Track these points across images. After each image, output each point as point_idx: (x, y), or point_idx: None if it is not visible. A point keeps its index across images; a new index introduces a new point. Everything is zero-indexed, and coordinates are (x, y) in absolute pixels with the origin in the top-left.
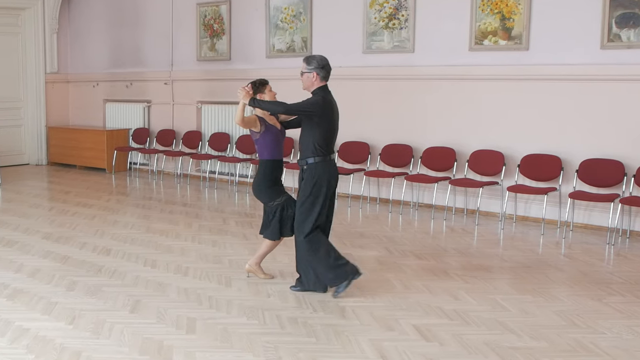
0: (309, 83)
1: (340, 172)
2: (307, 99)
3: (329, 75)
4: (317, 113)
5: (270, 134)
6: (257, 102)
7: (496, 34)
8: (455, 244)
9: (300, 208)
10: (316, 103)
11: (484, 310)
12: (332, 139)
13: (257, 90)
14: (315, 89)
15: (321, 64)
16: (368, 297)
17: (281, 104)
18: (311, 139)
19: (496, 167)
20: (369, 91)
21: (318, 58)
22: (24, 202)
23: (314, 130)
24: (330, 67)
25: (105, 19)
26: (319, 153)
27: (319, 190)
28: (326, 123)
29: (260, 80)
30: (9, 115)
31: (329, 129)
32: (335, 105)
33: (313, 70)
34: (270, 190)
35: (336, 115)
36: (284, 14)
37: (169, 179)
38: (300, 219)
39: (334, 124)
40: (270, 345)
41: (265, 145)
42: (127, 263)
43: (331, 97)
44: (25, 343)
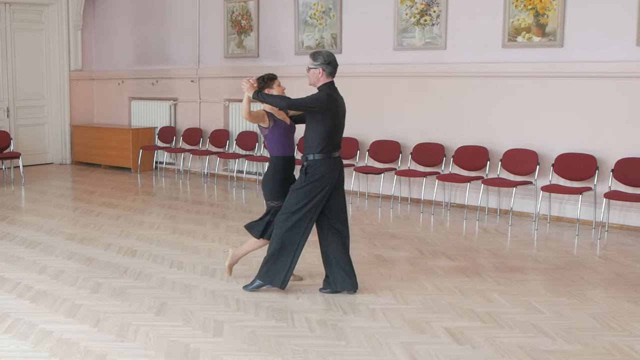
0: (315, 79)
1: (370, 172)
2: (311, 95)
3: (336, 71)
4: (321, 109)
5: (280, 129)
6: (261, 96)
7: (530, 30)
8: (488, 245)
9: (291, 195)
10: (320, 99)
11: (518, 312)
12: (335, 136)
13: (265, 85)
14: (321, 85)
15: (327, 60)
16: (399, 299)
17: (284, 98)
18: (314, 135)
19: (530, 166)
20: (399, 89)
21: (324, 54)
22: (47, 202)
23: (318, 127)
24: (337, 64)
25: (130, 15)
26: (321, 150)
27: (317, 187)
28: (330, 120)
29: (268, 75)
30: (33, 113)
31: (332, 126)
32: (341, 102)
33: (319, 66)
34: (278, 188)
35: (341, 112)
36: (313, 10)
37: (196, 179)
38: (288, 203)
39: (339, 121)
40: (299, 349)
41: (275, 140)
42: (153, 264)
43: (337, 93)
44: (49, 346)
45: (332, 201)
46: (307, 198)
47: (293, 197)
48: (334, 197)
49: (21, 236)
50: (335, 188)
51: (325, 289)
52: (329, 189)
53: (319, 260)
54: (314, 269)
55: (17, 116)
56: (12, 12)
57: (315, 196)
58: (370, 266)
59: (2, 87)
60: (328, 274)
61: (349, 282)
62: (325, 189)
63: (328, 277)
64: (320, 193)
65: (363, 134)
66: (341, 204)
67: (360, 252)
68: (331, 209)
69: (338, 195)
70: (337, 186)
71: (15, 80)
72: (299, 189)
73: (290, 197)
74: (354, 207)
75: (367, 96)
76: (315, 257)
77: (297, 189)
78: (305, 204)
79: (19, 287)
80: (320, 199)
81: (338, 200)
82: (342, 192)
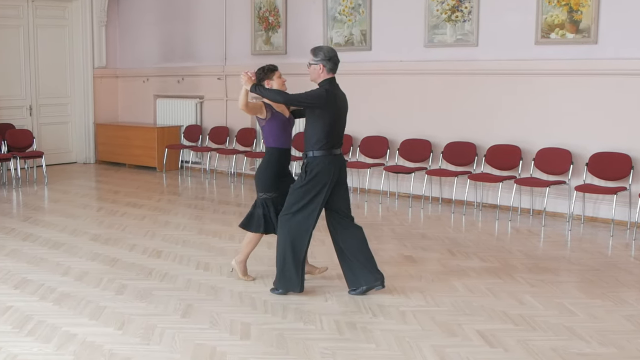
0: (316, 75)
1: (401, 171)
2: (310, 90)
3: (337, 67)
4: (319, 105)
5: (276, 121)
6: (259, 89)
7: (563, 26)
8: (520, 245)
9: (291, 194)
10: (318, 95)
11: (551, 315)
12: (335, 133)
13: (265, 76)
14: (322, 81)
15: (328, 56)
16: (430, 301)
17: (282, 93)
18: (313, 131)
19: (563, 165)
20: (430, 86)
21: (325, 49)
22: (71, 202)
23: (317, 123)
24: (338, 59)
25: (156, 11)
26: (321, 147)
27: (317, 184)
28: (329, 116)
29: (269, 66)
30: (56, 111)
31: (332, 122)
32: (341, 98)
33: (320, 62)
34: (271, 180)
35: (342, 109)
36: (342, 6)
37: (222, 178)
38: (289, 202)
39: (339, 118)
40: (328, 352)
41: (271, 132)
42: (178, 266)
43: (338, 90)
44: (72, 349)
45: (337, 198)
46: (308, 196)
47: (294, 196)
48: (338, 194)
49: (44, 237)
50: (337, 184)
51: (352, 289)
52: (330, 186)
53: None
54: None
55: (40, 114)
56: (35, 8)
57: (316, 194)
58: (400, 267)
59: (24, 84)
60: (347, 272)
61: (372, 276)
62: (326, 186)
63: (348, 276)
64: (322, 190)
65: (393, 133)
66: (347, 200)
67: (390, 252)
68: (338, 205)
69: (342, 192)
70: (339, 183)
71: (38, 77)
72: (299, 188)
73: (291, 197)
74: (383, 207)
75: (397, 94)
76: None
77: (298, 187)
78: (306, 202)
79: (42, 289)
80: (322, 197)
81: (343, 196)
82: (345, 188)
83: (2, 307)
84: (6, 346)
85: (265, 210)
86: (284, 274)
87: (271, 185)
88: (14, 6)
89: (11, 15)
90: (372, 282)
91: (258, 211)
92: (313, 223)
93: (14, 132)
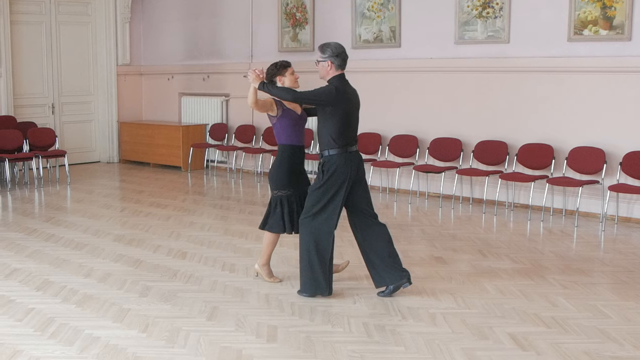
0: (325, 72)
1: (430, 171)
2: (318, 88)
3: (345, 63)
4: (329, 103)
5: (288, 119)
6: (267, 87)
7: (596, 23)
8: (553, 246)
9: (310, 196)
10: (327, 93)
11: (584, 317)
12: (348, 131)
13: (277, 72)
14: (331, 78)
15: (336, 52)
16: (460, 303)
17: (290, 91)
18: (326, 130)
19: (597, 165)
20: (460, 84)
21: (333, 46)
22: (94, 203)
23: (329, 122)
24: (347, 55)
25: (180, 8)
26: (335, 145)
27: (334, 183)
28: (340, 114)
29: (282, 62)
30: (79, 109)
31: (343, 120)
32: (352, 95)
33: (327, 58)
34: (284, 177)
35: (353, 106)
36: (371, 2)
37: (249, 178)
38: (309, 204)
39: (351, 114)
40: (357, 355)
41: (282, 129)
42: (203, 267)
43: (348, 86)
44: (96, 352)
45: (356, 196)
46: (327, 196)
47: (313, 197)
48: (357, 192)
49: (67, 238)
50: (355, 183)
51: (380, 291)
52: (348, 185)
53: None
54: None
55: (62, 113)
56: (58, 4)
57: (335, 193)
58: (430, 269)
59: (47, 82)
60: (372, 272)
61: (397, 274)
62: (344, 184)
63: (374, 277)
64: (340, 189)
65: (422, 131)
66: (367, 198)
67: (420, 253)
68: (358, 204)
69: (361, 190)
70: (358, 181)
71: (61, 75)
72: (318, 189)
73: (310, 198)
74: (413, 208)
75: (426, 92)
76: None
77: (316, 189)
78: (326, 202)
79: (64, 291)
80: (341, 196)
81: (363, 194)
82: (365, 186)
83: (24, 310)
84: (28, 349)
85: (280, 208)
86: (310, 277)
87: (285, 183)
88: (36, 2)
89: (33, 11)
90: (397, 280)
91: (274, 210)
92: (334, 223)
93: (36, 131)
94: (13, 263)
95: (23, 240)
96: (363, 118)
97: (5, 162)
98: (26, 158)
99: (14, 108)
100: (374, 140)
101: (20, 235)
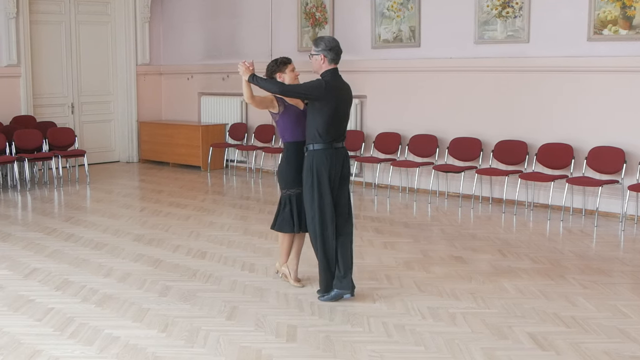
0: (318, 66)
1: (450, 170)
2: (308, 82)
3: (339, 57)
4: (317, 97)
5: (290, 115)
6: (256, 79)
7: (616, 23)
8: (572, 246)
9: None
10: (316, 87)
11: (604, 317)
12: (335, 126)
13: (277, 69)
14: (324, 72)
15: (329, 46)
16: (480, 302)
17: (278, 83)
18: (313, 124)
19: (616, 164)
20: (480, 84)
21: (326, 39)
22: (113, 202)
23: (317, 115)
24: (341, 50)
25: (200, 7)
26: (321, 140)
27: (319, 179)
28: (329, 109)
29: (282, 58)
30: (98, 109)
31: (331, 115)
32: (344, 90)
33: (321, 52)
34: (292, 175)
35: (343, 101)
36: (391, 2)
37: (268, 177)
38: (306, 205)
39: (339, 110)
40: (376, 354)
41: (285, 126)
42: (223, 267)
43: (340, 81)
44: (115, 352)
45: (338, 193)
46: (316, 193)
47: (306, 197)
48: (341, 190)
49: (86, 237)
50: (341, 179)
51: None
52: (333, 178)
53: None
54: (392, 271)
55: (82, 112)
56: (77, 4)
57: (322, 188)
58: (450, 268)
59: (66, 82)
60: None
61: (342, 283)
62: (329, 178)
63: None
64: (326, 184)
65: (442, 131)
66: (344, 199)
67: (439, 253)
68: (337, 201)
69: (341, 190)
70: (342, 179)
71: (80, 75)
72: (308, 188)
73: (305, 199)
74: (433, 207)
75: (446, 92)
76: (393, 259)
77: (307, 188)
78: (317, 199)
79: (84, 291)
80: (328, 189)
81: (341, 194)
82: (346, 186)
83: (43, 309)
84: (48, 349)
85: (289, 207)
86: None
87: (293, 181)
88: (56, 2)
89: (53, 11)
90: (345, 288)
91: (283, 209)
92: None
93: (56, 131)
94: (33, 263)
95: (43, 240)
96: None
97: (25, 162)
98: (46, 158)
99: (33, 108)
100: (393, 140)
101: (40, 235)
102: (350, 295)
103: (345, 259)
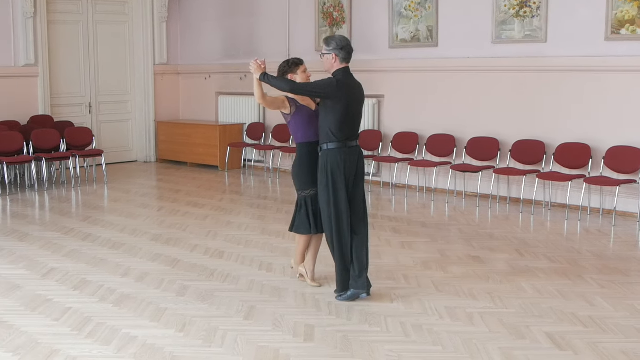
0: (329, 65)
1: (468, 170)
2: (319, 80)
3: (350, 56)
4: (328, 95)
5: (302, 115)
6: (267, 78)
7: (634, 22)
8: (590, 246)
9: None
10: (328, 84)
11: (622, 317)
12: (348, 125)
13: (289, 69)
14: (335, 71)
15: (340, 45)
16: (498, 302)
17: (289, 81)
18: (326, 123)
19: (635, 164)
20: (498, 84)
21: (337, 39)
22: (131, 202)
23: (329, 114)
24: (352, 49)
25: (217, 7)
26: (334, 139)
27: (334, 178)
28: (341, 107)
29: (294, 59)
30: (116, 109)
31: (344, 113)
32: (356, 89)
33: (332, 51)
34: (307, 176)
35: (355, 100)
36: (409, 1)
37: (286, 177)
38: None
39: (351, 109)
40: (394, 354)
41: (297, 127)
42: (241, 266)
43: (352, 79)
44: (133, 352)
45: (353, 193)
46: (331, 192)
47: (321, 197)
48: (356, 190)
49: (104, 237)
50: (356, 178)
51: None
52: (348, 178)
53: (414, 262)
54: (409, 271)
55: (99, 112)
56: (95, 3)
57: (336, 187)
58: (467, 268)
59: (84, 81)
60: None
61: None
62: (344, 178)
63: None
64: (341, 182)
65: (459, 131)
66: (359, 198)
67: (457, 253)
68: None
69: (356, 189)
70: (357, 178)
71: (98, 74)
72: (324, 188)
73: (320, 199)
74: (450, 207)
75: (463, 91)
76: (410, 259)
77: (322, 188)
78: (332, 199)
79: (101, 290)
80: (343, 188)
81: (359, 193)
82: (361, 186)
83: (61, 309)
84: (65, 348)
85: (305, 208)
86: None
87: (308, 182)
88: (74, 2)
89: (70, 10)
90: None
91: (299, 211)
92: (345, 215)
93: (73, 130)
94: (50, 262)
95: (60, 240)
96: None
97: (43, 162)
98: (63, 157)
99: (51, 107)
100: (411, 139)
101: (58, 235)
102: (366, 294)
103: (360, 259)
